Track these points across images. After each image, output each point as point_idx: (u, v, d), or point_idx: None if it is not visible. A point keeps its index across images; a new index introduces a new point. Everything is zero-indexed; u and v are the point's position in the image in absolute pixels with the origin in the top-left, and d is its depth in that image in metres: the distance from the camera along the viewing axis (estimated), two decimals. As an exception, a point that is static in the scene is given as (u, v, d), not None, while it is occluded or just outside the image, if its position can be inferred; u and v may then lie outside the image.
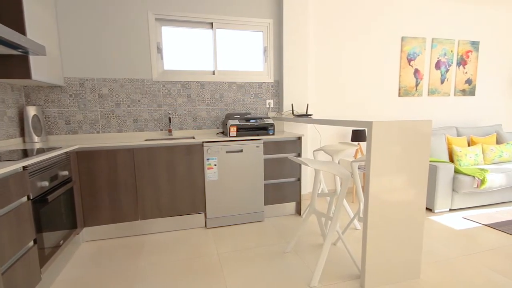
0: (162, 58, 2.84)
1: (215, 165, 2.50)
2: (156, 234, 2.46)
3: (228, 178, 2.55)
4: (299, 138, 2.75)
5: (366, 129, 3.36)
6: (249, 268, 1.90)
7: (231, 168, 2.54)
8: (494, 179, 2.84)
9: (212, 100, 3.01)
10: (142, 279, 1.80)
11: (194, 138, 2.57)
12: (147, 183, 2.37)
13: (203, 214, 2.58)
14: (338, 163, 3.14)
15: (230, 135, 2.55)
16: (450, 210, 2.91)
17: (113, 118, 2.75)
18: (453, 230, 2.45)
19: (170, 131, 2.85)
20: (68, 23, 2.55)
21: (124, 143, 2.27)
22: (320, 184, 2.75)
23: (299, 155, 2.76)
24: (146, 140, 2.51)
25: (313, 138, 3.36)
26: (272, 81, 3.16)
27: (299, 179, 2.81)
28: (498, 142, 3.59)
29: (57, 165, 1.86)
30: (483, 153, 3.32)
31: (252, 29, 3.06)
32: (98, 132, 2.73)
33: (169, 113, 2.86)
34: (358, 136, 3.20)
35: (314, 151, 2.54)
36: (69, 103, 2.63)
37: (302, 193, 3.26)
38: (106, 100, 2.71)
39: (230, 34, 3.03)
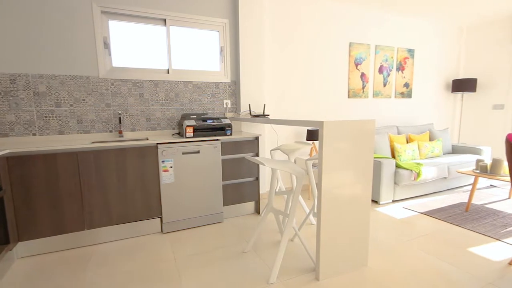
0: (110, 54, 2.65)
1: (171, 167, 2.41)
2: (106, 243, 2.28)
3: (185, 180, 2.48)
4: (257, 138, 2.78)
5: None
6: (208, 271, 1.87)
7: (188, 170, 2.48)
8: (428, 172, 3.21)
9: (167, 100, 2.89)
10: (90, 294, 1.66)
11: (147, 139, 2.45)
12: (94, 189, 2.19)
13: (159, 218, 2.46)
14: (295, 161, 3.26)
15: (187, 136, 2.48)
16: (393, 201, 3.22)
17: (53, 119, 2.48)
18: (395, 219, 2.70)
19: (120, 132, 2.67)
20: (-6, 10, 2.23)
21: (66, 146, 2.06)
22: (277, 182, 2.83)
23: (257, 154, 2.80)
24: (92, 142, 2.32)
25: (270, 137, 3.44)
26: (229, 81, 3.15)
27: (257, 179, 2.84)
28: (431, 139, 4.06)
29: (-19, 173, 1.62)
30: (418, 149, 3.73)
31: (208, 28, 3.01)
32: (34, 134, 2.44)
33: (119, 113, 2.68)
34: (313, 135, 3.35)
35: (271, 150, 2.60)
36: (-3, 101, 2.31)
37: (260, 192, 3.31)
38: (44, 99, 2.44)
39: (185, 33, 2.95)
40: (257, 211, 2.91)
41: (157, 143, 2.35)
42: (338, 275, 1.80)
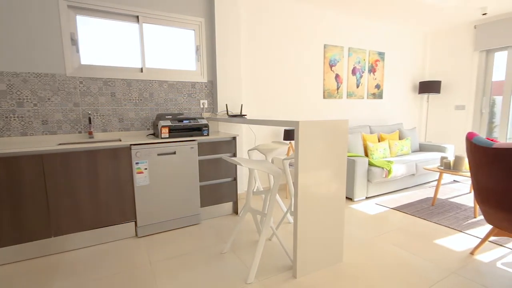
0: (78, 51, 2.51)
1: (146, 168, 2.33)
2: (76, 250, 2.16)
3: (161, 182, 2.41)
4: (234, 138, 2.77)
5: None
6: (185, 274, 1.83)
7: (163, 171, 2.41)
8: (398, 169, 3.38)
9: (141, 100, 2.80)
10: (58, 305, 1.56)
11: (120, 140, 2.36)
12: (62, 194, 2.06)
13: (133, 222, 2.38)
14: (272, 161, 3.28)
15: (162, 137, 2.42)
16: (366, 198, 3.35)
17: (15, 119, 2.31)
18: (368, 215, 2.81)
19: (90, 133, 2.55)
20: None
21: (29, 149, 1.93)
22: (255, 182, 2.84)
23: (234, 155, 2.79)
24: (59, 144, 2.19)
25: (248, 137, 3.44)
26: (206, 81, 3.11)
27: (235, 179, 2.83)
28: (400, 137, 4.27)
29: None
30: (389, 147, 3.91)
31: (183, 26, 2.96)
32: (-7, 136, 2.26)
33: (89, 113, 2.55)
34: (290, 135, 3.40)
35: (249, 150, 2.60)
36: (-52, 100, 2.11)
37: (238, 192, 3.30)
38: (4, 98, 2.27)
39: (160, 31, 2.87)
40: (235, 211, 2.90)
41: (131, 144, 2.27)
42: (315, 271, 1.84)
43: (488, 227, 2.49)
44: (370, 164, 3.32)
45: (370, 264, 1.93)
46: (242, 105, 3.15)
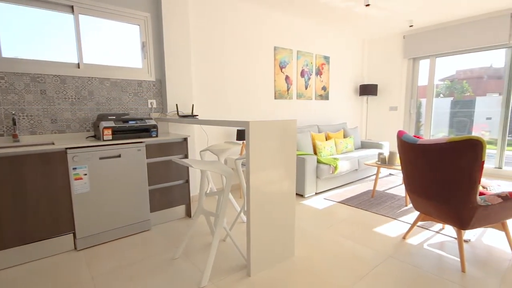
0: (-3, 42, 2.17)
1: (85, 174, 2.13)
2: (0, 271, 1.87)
3: (104, 187, 2.22)
4: (185, 139, 2.69)
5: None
6: (133, 285, 1.72)
7: (107, 176, 2.23)
8: (343, 165, 3.64)
9: (79, 98, 2.54)
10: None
11: (53, 144, 2.10)
12: (-22, 208, 1.77)
13: (72, 234, 2.15)
14: (225, 161, 3.28)
15: (104, 139, 2.23)
16: (316, 193, 3.54)
17: None
18: (317, 209, 2.98)
19: (15, 136, 2.22)
20: None
21: None
22: (208, 183, 2.79)
23: (186, 156, 2.71)
24: (-27, 149, 1.87)
25: (200, 138, 3.37)
26: (154, 80, 2.96)
27: (187, 181, 2.75)
28: (345, 136, 4.62)
29: None
30: (335, 145, 4.20)
31: (127, 21, 2.77)
32: None
33: (13, 114, 2.23)
34: (242, 135, 3.42)
35: (201, 151, 2.55)
36: None
37: (192, 195, 3.22)
38: None
39: (101, 24, 2.64)
40: (188, 214, 2.82)
41: (66, 148, 2.04)
42: (268, 268, 1.88)
43: (416, 213, 2.83)
44: (319, 161, 3.52)
45: (319, 256, 2.04)
46: (193, 105, 3.07)
